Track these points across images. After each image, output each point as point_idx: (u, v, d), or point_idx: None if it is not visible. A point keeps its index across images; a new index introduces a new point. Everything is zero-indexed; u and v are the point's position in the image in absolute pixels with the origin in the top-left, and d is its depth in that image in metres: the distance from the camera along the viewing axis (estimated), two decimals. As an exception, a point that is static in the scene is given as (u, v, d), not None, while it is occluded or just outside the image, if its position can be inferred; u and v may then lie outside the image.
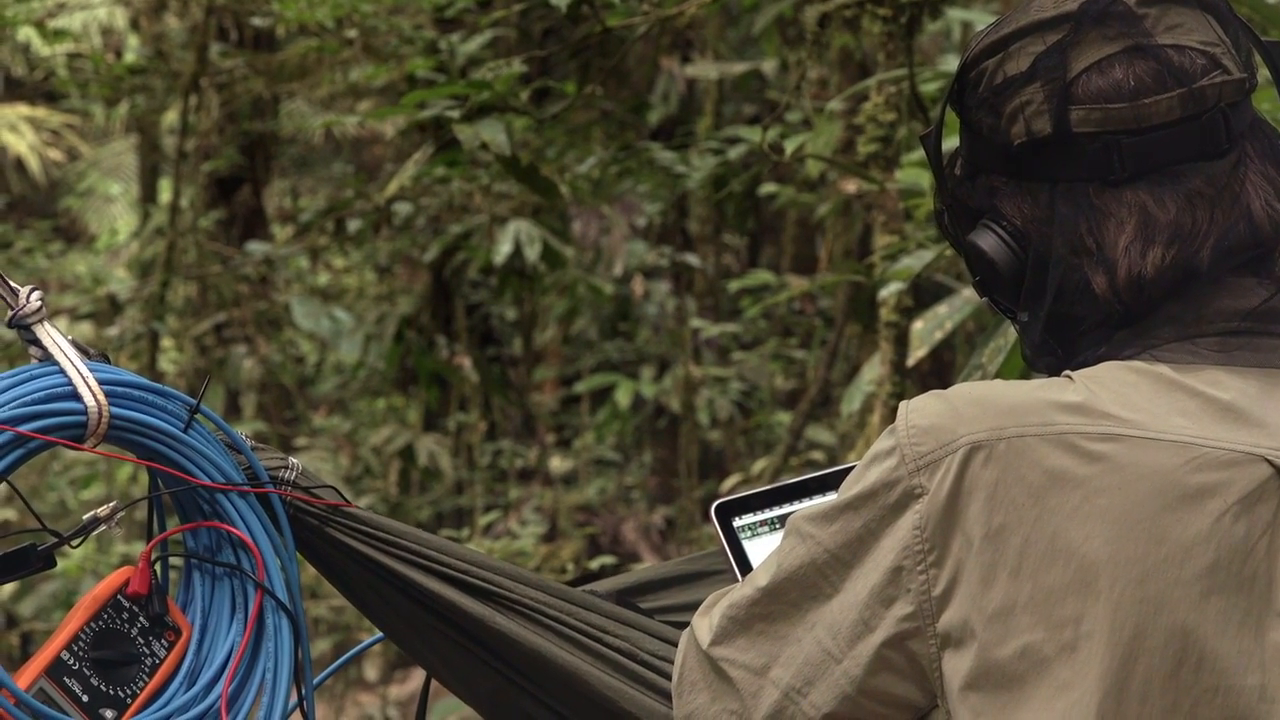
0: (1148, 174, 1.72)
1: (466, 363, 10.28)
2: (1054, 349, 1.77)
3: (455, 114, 4.81)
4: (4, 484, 1.80)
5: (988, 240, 1.78)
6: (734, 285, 10.00)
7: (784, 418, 9.82)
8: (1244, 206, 1.72)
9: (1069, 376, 1.70)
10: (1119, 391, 1.66)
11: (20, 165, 15.40)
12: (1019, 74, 1.75)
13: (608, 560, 9.23)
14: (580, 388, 10.95)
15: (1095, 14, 1.74)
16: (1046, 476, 1.62)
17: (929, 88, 4.90)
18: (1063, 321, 1.75)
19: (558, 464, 11.07)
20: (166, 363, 10.49)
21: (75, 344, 1.84)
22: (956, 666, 1.63)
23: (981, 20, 6.90)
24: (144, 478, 1.90)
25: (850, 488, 1.70)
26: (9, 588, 8.62)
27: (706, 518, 8.69)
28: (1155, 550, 1.60)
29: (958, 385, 1.73)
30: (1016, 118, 1.75)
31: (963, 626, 1.63)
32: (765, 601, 1.73)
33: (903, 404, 1.71)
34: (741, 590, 1.75)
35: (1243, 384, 1.68)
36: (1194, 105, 1.72)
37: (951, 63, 6.27)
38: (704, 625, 1.77)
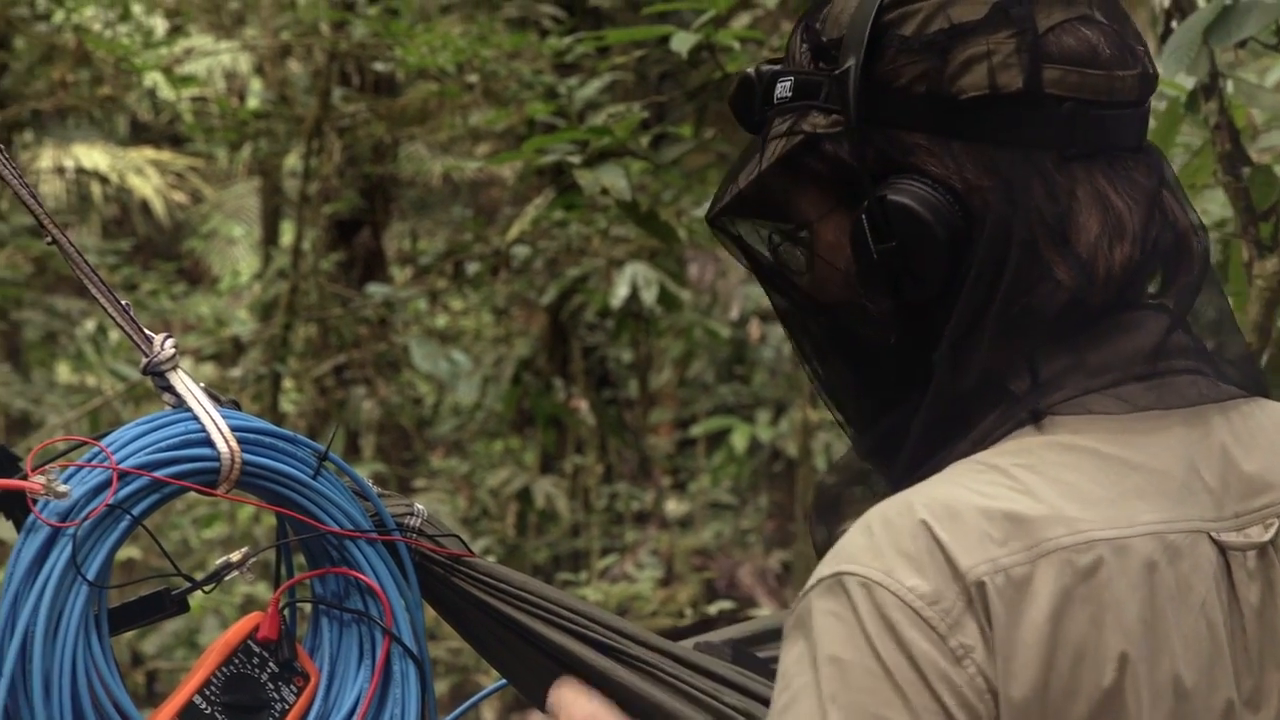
0: (1098, 155, 1.57)
1: (583, 405, 10.32)
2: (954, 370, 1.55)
3: (575, 159, 4.85)
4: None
5: (914, 193, 1.56)
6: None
7: (901, 462, 9.74)
8: (1170, 214, 1.61)
9: (996, 466, 1.52)
10: (1066, 482, 1.51)
11: (146, 208, 15.66)
12: (974, 20, 1.56)
13: (725, 605, 9.20)
14: (696, 431, 10.94)
15: None
16: (1052, 604, 1.47)
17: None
18: (1014, 318, 1.55)
19: (674, 507, 11.07)
20: (287, 404, 10.60)
21: (207, 390, 1.87)
22: None
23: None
24: (266, 517, 1.92)
25: (864, 686, 1.45)
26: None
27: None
28: (1169, 665, 1.50)
29: (902, 521, 1.48)
30: (971, 68, 1.56)
31: None
32: None
33: (862, 569, 1.47)
34: None
35: (1165, 440, 1.56)
36: (1143, 90, 1.62)
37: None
38: None
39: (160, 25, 11.26)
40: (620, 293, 8.44)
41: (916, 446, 1.58)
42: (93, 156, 14.66)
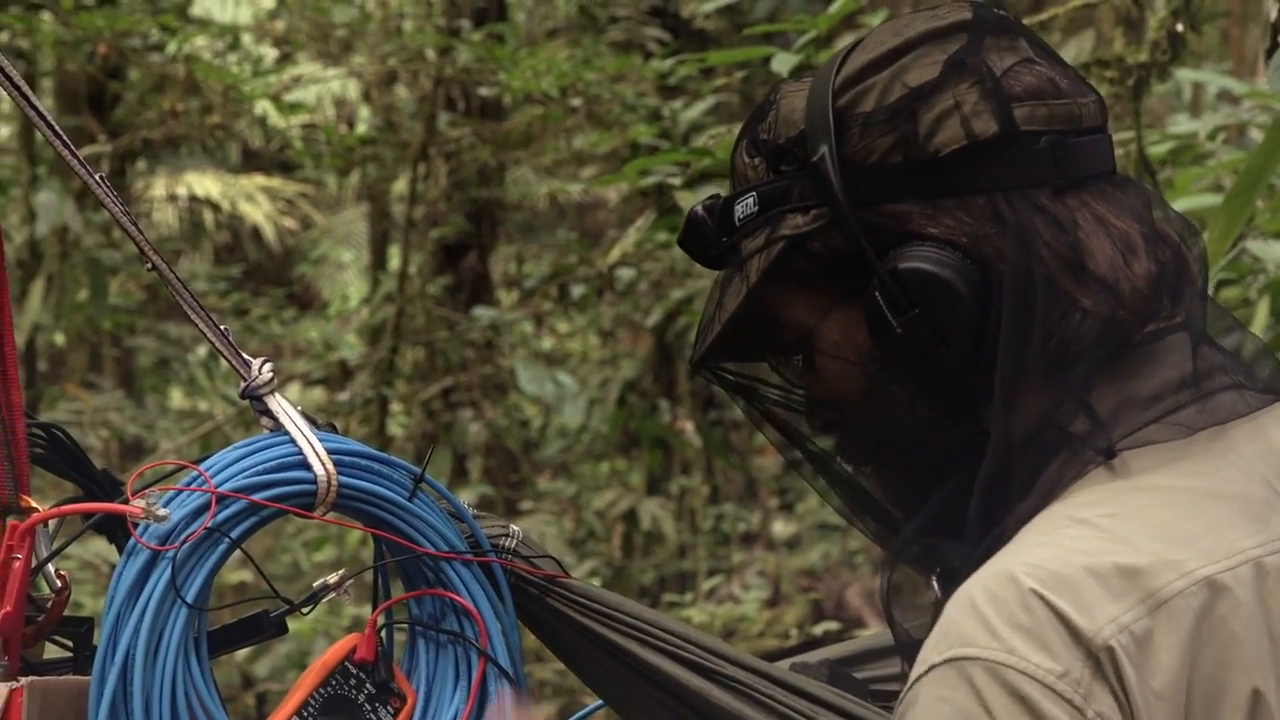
0: (1085, 182, 1.57)
1: (689, 426, 10.31)
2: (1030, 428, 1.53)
3: (677, 181, 4.86)
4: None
5: (925, 255, 1.54)
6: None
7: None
8: (1160, 228, 1.59)
9: (1083, 520, 1.49)
10: (1155, 523, 1.49)
11: (257, 234, 15.85)
12: (932, 80, 1.57)
13: (831, 626, 9.16)
14: (803, 451, 10.86)
15: (993, 21, 1.61)
16: (1179, 653, 1.45)
17: (1157, 150, 4.82)
18: (1053, 355, 1.54)
19: (781, 528, 11.03)
20: (395, 427, 10.67)
21: (304, 414, 1.88)
22: None
23: (1215, 81, 6.76)
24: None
25: None
26: (244, 649, 8.80)
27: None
28: None
29: (1010, 592, 1.45)
30: (943, 124, 1.56)
31: None
32: None
33: (981, 651, 1.43)
34: None
35: (1233, 461, 1.55)
36: (1103, 116, 1.62)
37: (1182, 123, 6.15)
38: None
39: (269, 54, 11.41)
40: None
41: (982, 510, 1.55)
42: (204, 184, 14.87)
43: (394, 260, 11.73)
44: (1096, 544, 1.47)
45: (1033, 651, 1.42)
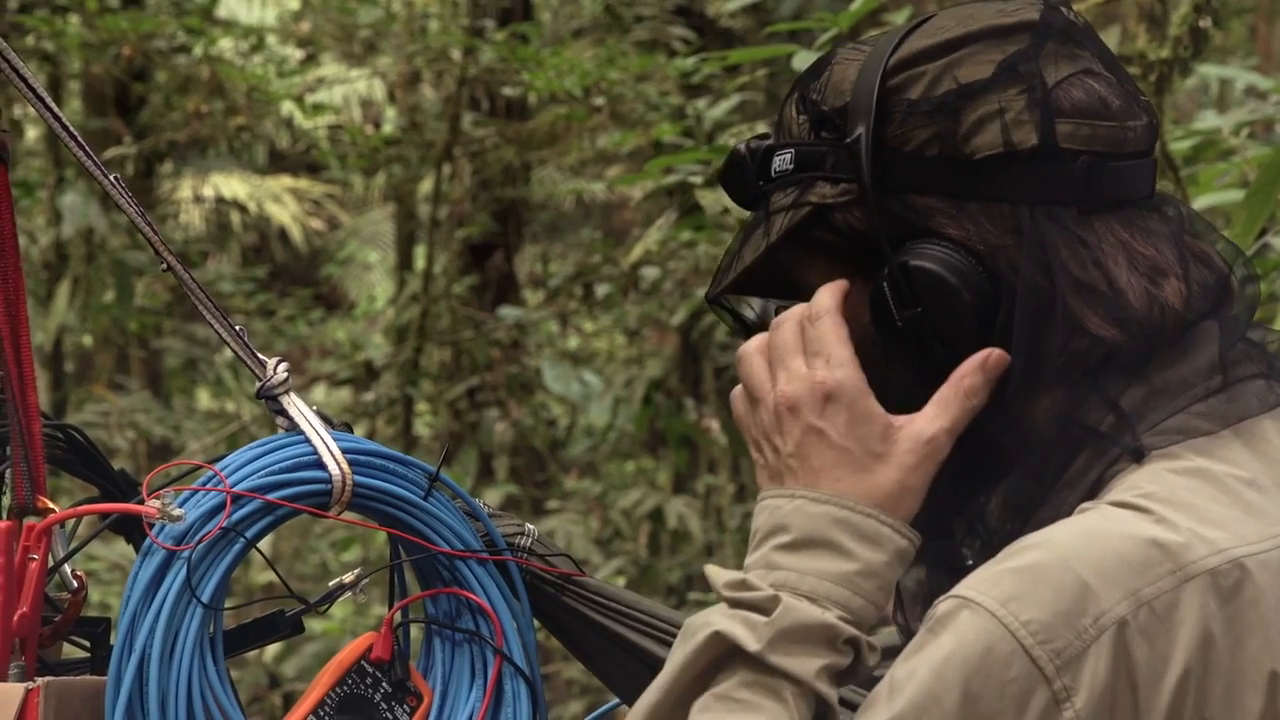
0: (1118, 207, 1.55)
1: (715, 425, 10.30)
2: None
3: (698, 179, 4.86)
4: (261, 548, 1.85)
5: (936, 257, 1.54)
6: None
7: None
8: (1200, 253, 1.58)
9: (1118, 503, 1.48)
10: (1190, 504, 1.48)
11: (283, 235, 15.88)
12: (983, 79, 1.54)
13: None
14: (829, 450, 10.83)
15: (1060, 25, 1.58)
16: (1199, 628, 1.45)
17: (1181, 146, 4.80)
18: (1061, 370, 1.53)
19: (807, 526, 10.99)
20: (421, 427, 10.68)
21: (320, 414, 1.89)
22: None
23: (1241, 77, 6.74)
24: (400, 541, 1.93)
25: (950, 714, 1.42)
26: (272, 649, 8.84)
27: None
28: None
29: (1035, 554, 1.46)
30: (984, 127, 1.54)
31: None
32: None
33: (980, 596, 1.44)
34: None
35: (1266, 450, 1.55)
36: (1151, 139, 1.59)
37: (1209, 119, 6.12)
38: None
39: (294, 55, 11.44)
40: (751, 312, 8.40)
41: (1005, 514, 1.56)
42: (231, 185, 14.90)
43: (420, 260, 11.75)
44: (1133, 518, 1.48)
45: (1026, 609, 1.43)
